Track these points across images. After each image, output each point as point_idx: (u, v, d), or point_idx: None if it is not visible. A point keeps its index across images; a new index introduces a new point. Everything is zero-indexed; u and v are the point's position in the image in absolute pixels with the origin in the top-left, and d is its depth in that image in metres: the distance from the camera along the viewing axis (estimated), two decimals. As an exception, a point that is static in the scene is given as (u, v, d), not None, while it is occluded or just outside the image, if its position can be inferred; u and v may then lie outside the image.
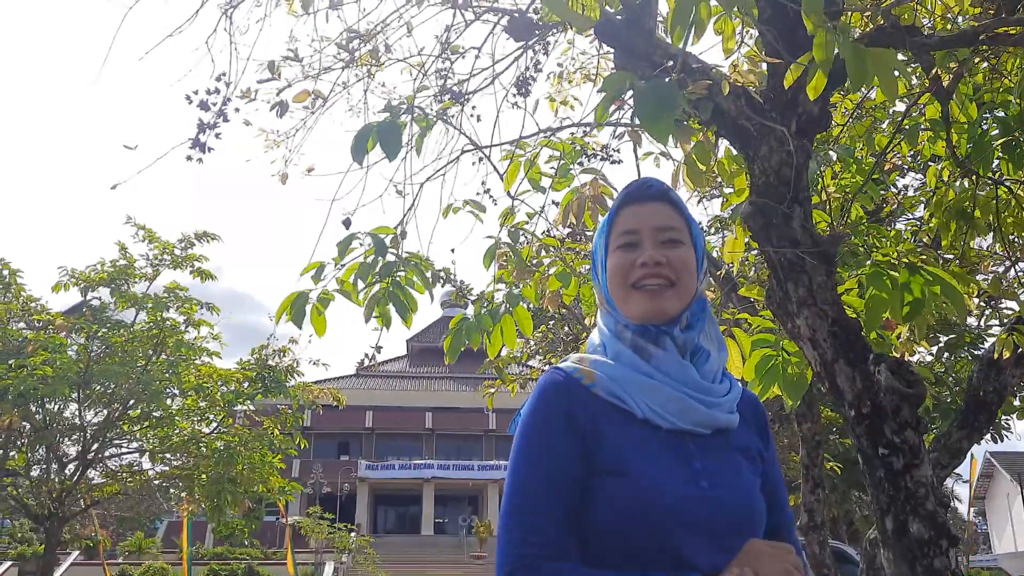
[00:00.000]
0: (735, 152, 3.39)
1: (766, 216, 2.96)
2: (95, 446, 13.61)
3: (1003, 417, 9.40)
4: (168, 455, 13.98)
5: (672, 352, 1.42)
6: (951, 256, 4.56)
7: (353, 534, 31.57)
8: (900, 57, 4.26)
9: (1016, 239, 4.52)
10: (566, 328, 11.76)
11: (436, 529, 46.43)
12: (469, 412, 48.16)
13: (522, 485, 1.36)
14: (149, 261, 13.86)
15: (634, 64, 3.20)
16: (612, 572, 1.31)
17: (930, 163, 6.64)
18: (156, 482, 14.77)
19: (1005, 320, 5.73)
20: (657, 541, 1.31)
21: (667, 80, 2.27)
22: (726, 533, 1.34)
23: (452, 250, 3.50)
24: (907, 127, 3.97)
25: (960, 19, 4.25)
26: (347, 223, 2.68)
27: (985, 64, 4.24)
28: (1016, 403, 8.18)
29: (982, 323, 6.94)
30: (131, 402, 13.57)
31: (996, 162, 4.14)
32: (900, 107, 4.74)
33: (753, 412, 1.54)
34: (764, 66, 3.06)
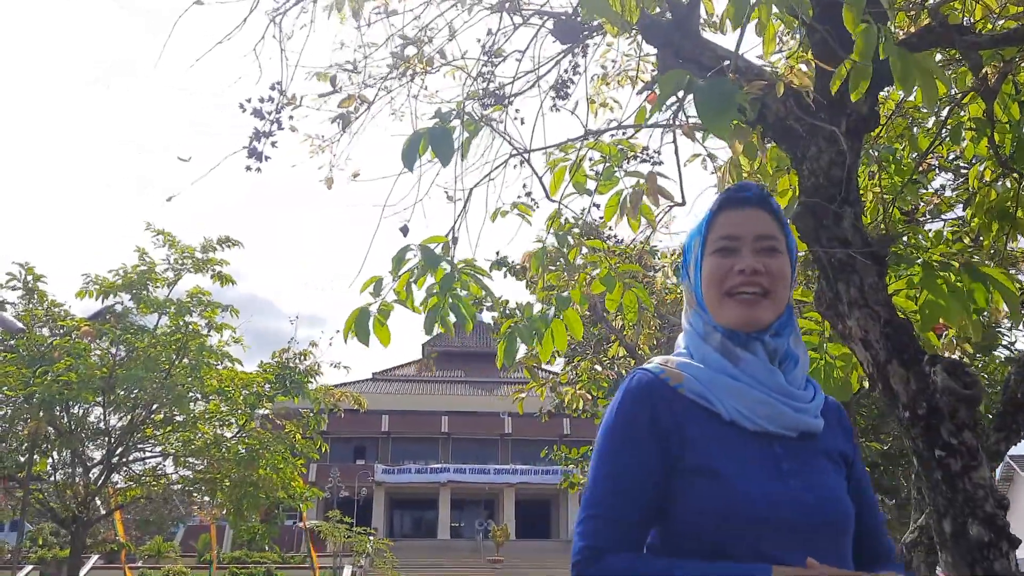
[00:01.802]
0: (782, 152, 3.38)
1: (816, 217, 2.96)
2: (119, 450, 13.71)
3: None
4: (191, 459, 14.05)
5: (762, 358, 1.43)
6: (988, 259, 4.52)
7: (371, 538, 31.61)
8: (939, 57, 4.24)
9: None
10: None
11: (452, 533, 46.40)
12: (485, 416, 48.16)
13: (598, 485, 1.39)
14: (170, 266, 13.94)
15: (679, 66, 3.20)
16: (672, 560, 1.33)
17: (963, 165, 6.59)
18: (179, 486, 14.84)
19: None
20: (745, 541, 1.31)
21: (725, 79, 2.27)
22: (814, 534, 1.35)
23: (497, 253, 3.50)
24: (950, 127, 3.95)
25: (1000, 20, 4.21)
26: (404, 231, 2.69)
27: (1026, 63, 4.20)
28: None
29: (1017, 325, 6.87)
30: (155, 406, 13.65)
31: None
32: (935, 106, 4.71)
33: (837, 418, 1.55)
34: (812, 66, 3.06)
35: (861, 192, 3.73)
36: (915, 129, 4.59)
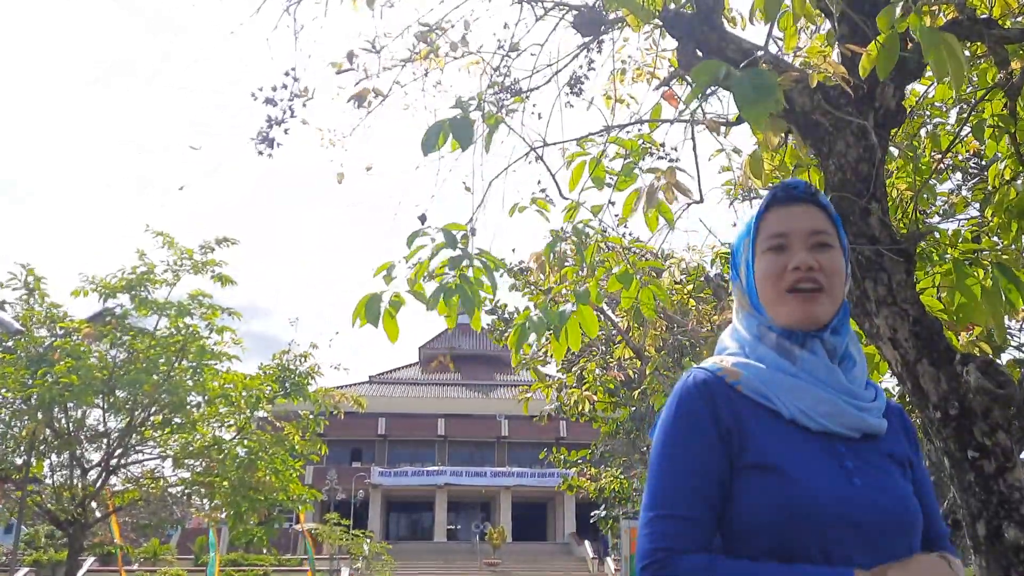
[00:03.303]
0: (805, 147, 3.32)
1: (843, 212, 2.90)
2: (118, 452, 13.59)
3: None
4: (190, 460, 13.94)
5: (821, 356, 1.39)
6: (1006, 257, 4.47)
7: (368, 540, 31.52)
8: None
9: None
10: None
11: (449, 536, 46.29)
12: (481, 419, 48.10)
13: (662, 483, 1.34)
14: (170, 267, 13.83)
15: (701, 60, 3.14)
16: (751, 562, 1.27)
17: (973, 166, 6.53)
18: (178, 488, 14.72)
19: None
20: (809, 538, 1.27)
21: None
22: (881, 533, 1.30)
23: (513, 249, 3.44)
24: (972, 124, 3.90)
25: (1020, 17, 4.16)
26: (423, 219, 2.65)
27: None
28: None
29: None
30: (154, 408, 13.54)
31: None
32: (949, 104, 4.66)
33: (900, 420, 1.50)
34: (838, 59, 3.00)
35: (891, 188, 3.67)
36: (929, 127, 4.54)
